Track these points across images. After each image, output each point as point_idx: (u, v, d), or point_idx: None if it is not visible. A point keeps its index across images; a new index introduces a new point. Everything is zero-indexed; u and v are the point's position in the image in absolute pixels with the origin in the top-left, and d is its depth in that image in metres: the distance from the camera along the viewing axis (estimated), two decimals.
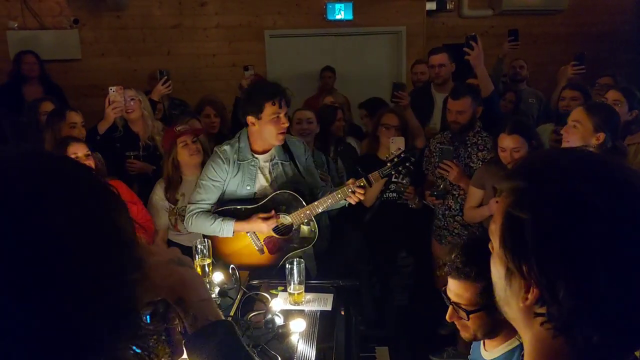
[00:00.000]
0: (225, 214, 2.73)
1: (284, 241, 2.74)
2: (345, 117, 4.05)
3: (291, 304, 2.29)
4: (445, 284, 1.64)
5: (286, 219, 2.71)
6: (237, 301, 2.31)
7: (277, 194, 2.70)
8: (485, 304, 1.52)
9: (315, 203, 2.64)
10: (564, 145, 2.64)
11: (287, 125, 2.66)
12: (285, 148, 2.79)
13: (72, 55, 5.62)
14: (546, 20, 7.33)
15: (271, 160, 2.75)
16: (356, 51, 6.42)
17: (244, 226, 2.69)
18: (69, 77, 5.33)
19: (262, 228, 2.70)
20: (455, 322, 1.62)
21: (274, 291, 2.41)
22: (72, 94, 5.13)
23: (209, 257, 2.45)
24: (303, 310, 2.25)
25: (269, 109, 2.58)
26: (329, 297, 2.36)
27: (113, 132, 3.53)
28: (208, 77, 6.03)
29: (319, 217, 2.78)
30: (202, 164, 3.01)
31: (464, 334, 1.63)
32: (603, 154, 2.41)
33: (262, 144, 2.73)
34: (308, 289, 2.37)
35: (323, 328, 2.10)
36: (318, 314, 2.24)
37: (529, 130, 2.87)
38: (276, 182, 2.75)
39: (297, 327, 2.03)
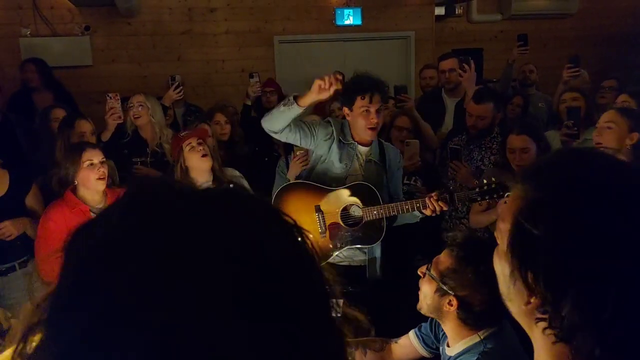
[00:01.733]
0: (309, 187, 2.79)
1: (348, 232, 2.72)
2: None
3: None
4: None
5: (358, 211, 2.70)
6: None
7: (358, 183, 2.72)
8: (443, 281, 1.64)
9: (392, 204, 2.63)
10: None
11: (376, 120, 2.68)
12: (382, 151, 2.83)
13: (84, 62, 5.67)
14: (556, 24, 7.31)
15: (367, 155, 2.80)
16: (365, 56, 6.42)
17: (307, 95, 2.62)
18: (80, 84, 5.38)
19: (318, 87, 2.60)
20: (419, 282, 1.78)
21: None
22: (83, 100, 5.17)
23: None
24: None
25: (359, 102, 2.67)
26: (339, 302, 2.35)
27: (122, 138, 3.54)
28: (218, 82, 6.06)
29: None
30: (213, 170, 2.95)
31: (419, 302, 1.78)
32: (633, 159, 2.44)
33: (358, 135, 2.78)
34: None
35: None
36: None
37: (537, 132, 2.88)
38: (366, 175, 2.78)
39: None
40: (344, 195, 2.71)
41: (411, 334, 1.95)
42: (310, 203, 2.72)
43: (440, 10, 6.78)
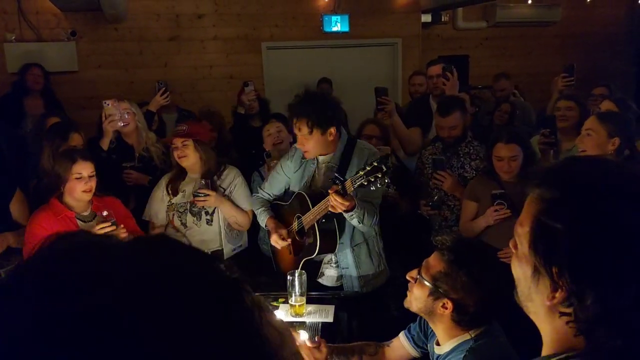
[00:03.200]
0: (272, 207, 2.89)
1: (301, 245, 2.69)
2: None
3: (292, 316, 2.29)
4: None
5: (301, 222, 2.65)
6: None
7: (297, 193, 2.67)
8: (435, 285, 1.64)
9: (315, 207, 2.50)
10: (581, 154, 2.66)
11: (301, 147, 2.61)
12: (347, 155, 2.65)
13: (69, 67, 5.62)
14: (540, 31, 7.42)
15: (328, 162, 2.68)
16: (353, 63, 6.46)
17: (270, 226, 2.76)
18: (66, 89, 5.33)
19: (272, 240, 2.72)
20: (409, 285, 1.77)
21: (274, 303, 2.40)
22: (69, 105, 5.12)
23: None
24: (304, 322, 2.25)
25: None
26: (331, 309, 2.36)
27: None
28: (205, 88, 6.05)
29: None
30: (203, 166, 3.02)
31: (407, 299, 1.78)
32: (624, 162, 2.48)
33: None
34: (309, 301, 2.37)
35: (325, 340, 2.10)
36: (320, 325, 2.24)
37: (524, 140, 2.90)
38: (325, 185, 2.65)
39: (299, 339, 2.02)
40: (294, 207, 2.70)
41: (401, 335, 1.96)
42: (281, 222, 2.78)
43: (426, 18, 6.85)
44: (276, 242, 2.68)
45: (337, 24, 6.34)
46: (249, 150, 4.00)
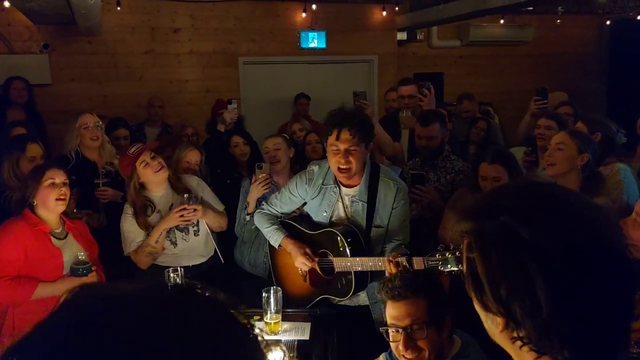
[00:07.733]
0: (286, 226, 2.68)
1: (324, 280, 2.57)
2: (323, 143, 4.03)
3: (267, 334, 2.25)
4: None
5: (330, 261, 2.51)
6: None
7: (328, 230, 2.51)
8: (434, 319, 1.62)
9: (358, 259, 2.38)
10: (549, 168, 2.70)
11: (344, 161, 2.39)
12: (372, 189, 2.52)
13: (42, 80, 5.52)
14: (512, 50, 7.59)
15: (353, 195, 2.54)
16: (329, 79, 6.50)
17: (289, 246, 2.57)
18: (39, 103, 5.20)
19: (297, 261, 2.55)
20: (407, 355, 1.64)
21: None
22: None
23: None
24: (280, 340, 2.21)
25: (329, 140, 2.44)
26: (307, 326, 2.33)
27: (66, 164, 3.18)
28: (180, 102, 6.01)
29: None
30: (170, 180, 2.91)
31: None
32: (583, 180, 2.52)
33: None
34: (285, 318, 2.34)
35: (301, 358, 2.07)
36: (295, 343, 2.21)
37: (510, 160, 2.89)
38: (352, 218, 2.56)
39: (275, 357, 1.99)
40: (320, 241, 2.55)
41: (382, 357, 1.93)
42: None
43: (402, 35, 6.95)
44: (304, 264, 2.51)
45: (314, 40, 6.39)
46: (219, 165, 3.94)
